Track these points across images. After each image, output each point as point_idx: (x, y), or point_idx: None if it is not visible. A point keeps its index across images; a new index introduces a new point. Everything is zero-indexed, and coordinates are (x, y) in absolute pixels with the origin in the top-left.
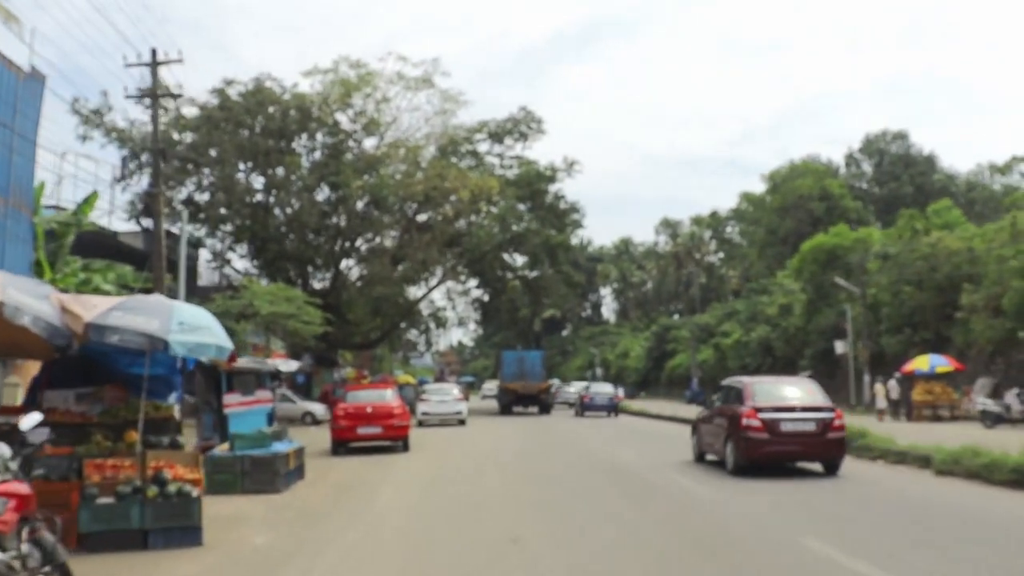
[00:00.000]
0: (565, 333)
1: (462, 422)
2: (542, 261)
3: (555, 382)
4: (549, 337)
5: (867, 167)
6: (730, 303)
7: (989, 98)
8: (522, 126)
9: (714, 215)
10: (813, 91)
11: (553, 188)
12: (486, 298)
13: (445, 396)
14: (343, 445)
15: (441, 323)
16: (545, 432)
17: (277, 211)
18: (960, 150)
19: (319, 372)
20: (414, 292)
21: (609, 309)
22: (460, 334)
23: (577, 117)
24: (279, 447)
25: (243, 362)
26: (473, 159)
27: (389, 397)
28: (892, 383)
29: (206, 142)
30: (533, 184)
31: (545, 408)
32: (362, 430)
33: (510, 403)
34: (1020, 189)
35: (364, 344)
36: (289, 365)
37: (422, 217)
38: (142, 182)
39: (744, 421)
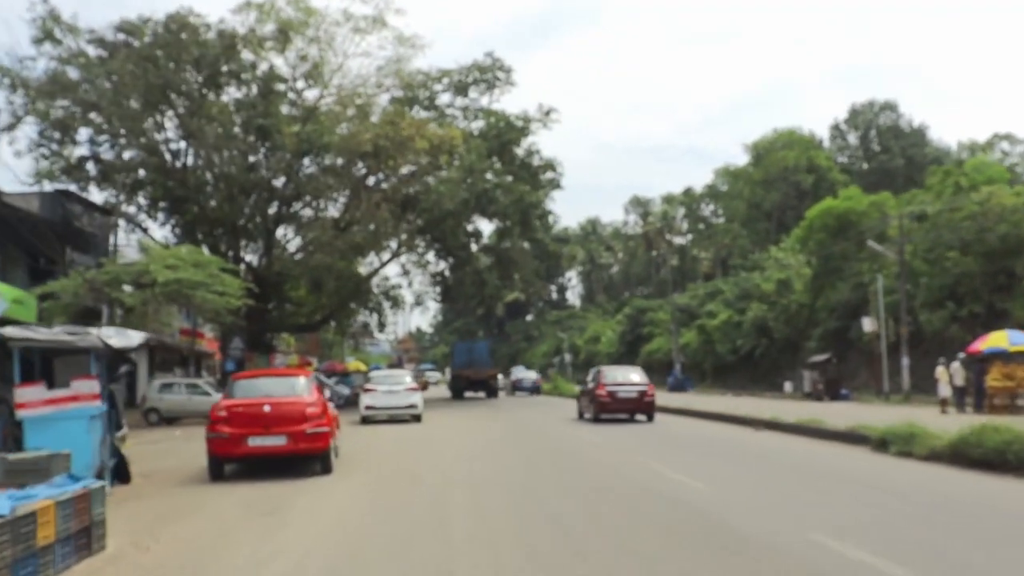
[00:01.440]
0: (529, 318)
1: (416, 418)
2: (513, 225)
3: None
4: (513, 322)
5: (853, 139)
6: (712, 282)
7: (944, 84)
8: (488, 75)
9: (688, 192)
10: (767, 79)
11: (526, 143)
12: (447, 271)
13: (395, 385)
14: (224, 464)
15: (396, 302)
16: (514, 425)
17: (196, 163)
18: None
19: (253, 359)
20: (367, 267)
21: (575, 293)
22: (419, 319)
23: (532, 105)
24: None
25: (33, 333)
26: (433, 112)
27: (300, 389)
28: (956, 366)
29: (110, 83)
30: (503, 136)
31: (492, 392)
32: (255, 441)
33: (461, 388)
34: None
35: (306, 326)
36: (127, 339)
37: (372, 180)
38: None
39: (598, 392)
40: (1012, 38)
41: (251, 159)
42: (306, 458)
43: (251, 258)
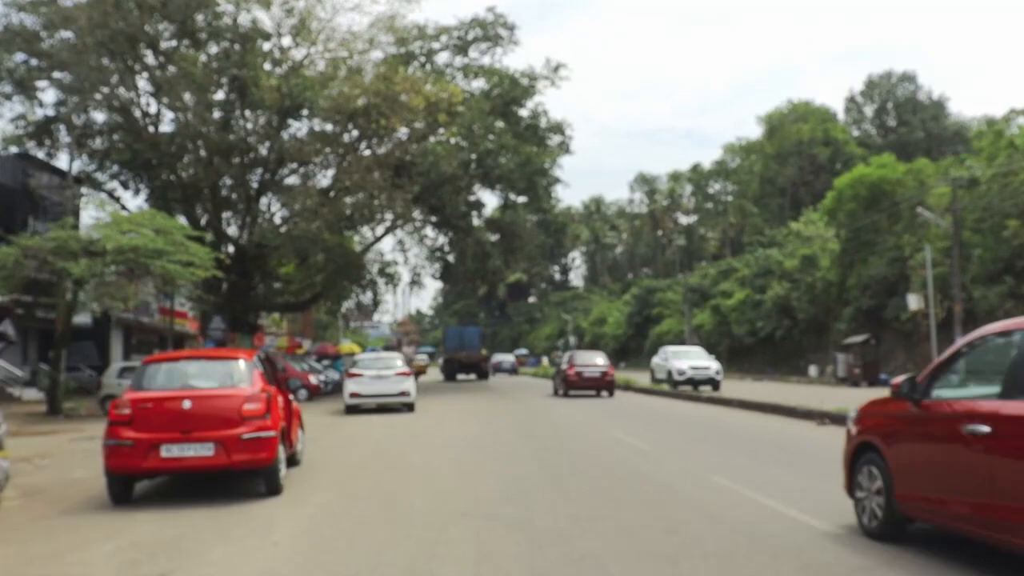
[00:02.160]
0: (532, 300)
1: (408, 407)
2: (519, 194)
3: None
4: (515, 303)
5: (869, 112)
6: (725, 260)
7: (948, 61)
8: (490, 31)
9: (696, 169)
10: (765, 63)
11: (532, 104)
12: (446, 246)
13: (384, 369)
14: (130, 482)
15: (391, 279)
16: (507, 407)
17: (168, 123)
18: None
19: (236, 339)
20: (361, 243)
21: (578, 274)
22: (419, 301)
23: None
24: None
25: None
26: (430, 71)
27: (237, 377)
28: None
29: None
30: (507, 95)
31: (483, 374)
32: (170, 451)
33: (454, 371)
34: None
35: (294, 305)
36: None
37: (364, 145)
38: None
39: (568, 372)
40: None
41: (228, 118)
42: (246, 473)
43: (234, 231)
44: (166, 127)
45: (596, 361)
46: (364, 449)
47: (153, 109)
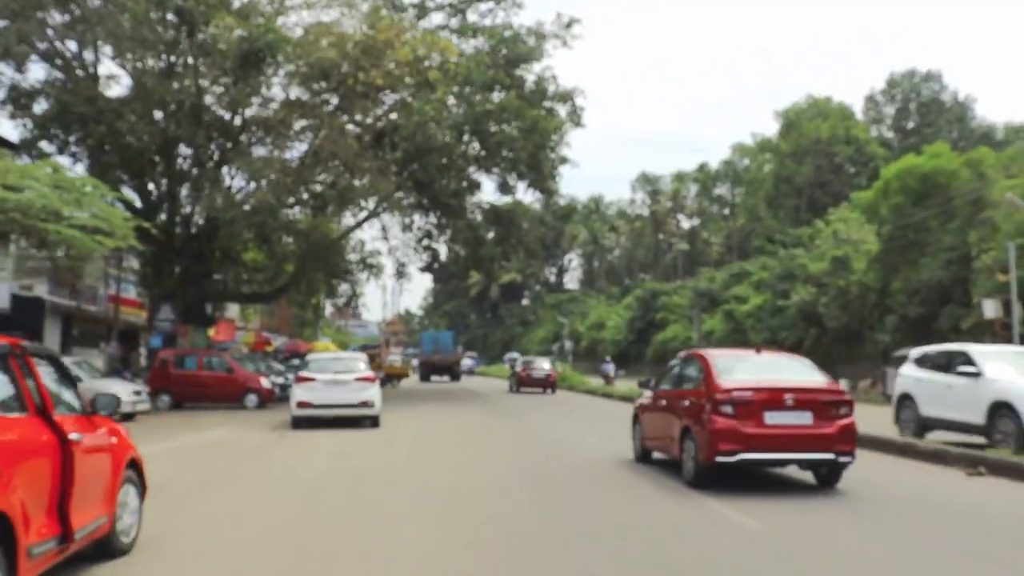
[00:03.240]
0: (526, 302)
1: (372, 420)
2: (519, 168)
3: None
4: (508, 305)
5: (889, 111)
6: (737, 263)
7: (975, 62)
8: None
9: (702, 168)
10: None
11: (538, 68)
12: (433, 230)
13: (341, 373)
14: None
15: (372, 270)
16: (484, 420)
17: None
18: None
19: (188, 333)
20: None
21: (573, 276)
22: (408, 300)
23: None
24: None
25: None
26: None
27: None
28: None
29: None
30: (510, 54)
31: (455, 376)
32: None
33: (428, 373)
34: None
35: (259, 296)
36: None
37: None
38: None
39: (521, 373)
40: None
41: (172, 64)
42: None
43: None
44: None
45: (544, 365)
46: (277, 511)
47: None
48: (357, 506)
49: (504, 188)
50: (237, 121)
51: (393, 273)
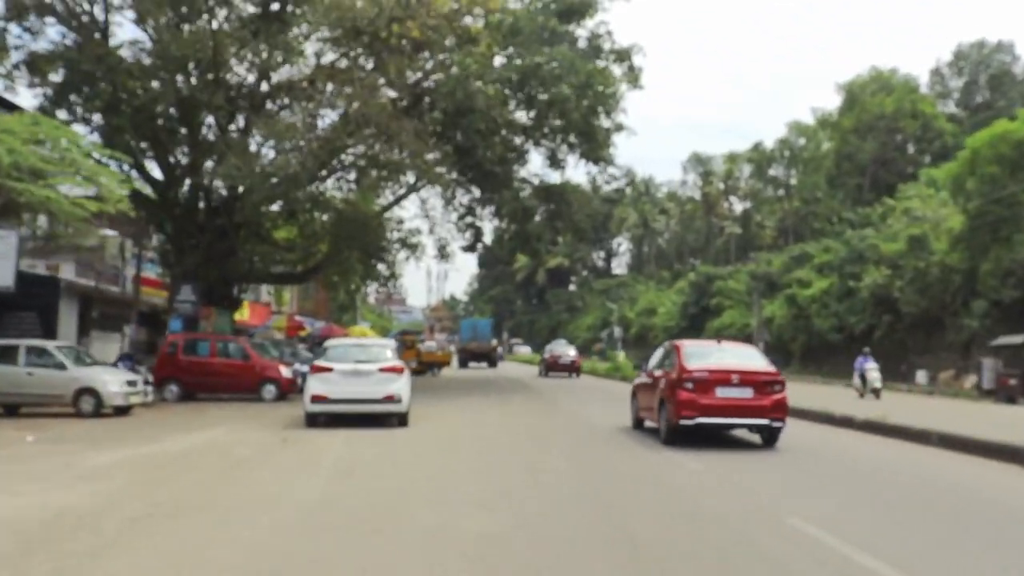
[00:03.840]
0: (572, 287)
1: (399, 419)
2: (570, 134)
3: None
4: (554, 291)
5: (956, 84)
6: (798, 245)
7: None
8: None
9: (757, 148)
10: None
11: (592, 23)
12: (477, 205)
13: (364, 363)
14: None
15: (413, 250)
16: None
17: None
18: None
19: (211, 316)
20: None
21: (621, 261)
22: (452, 286)
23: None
24: None
25: None
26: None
27: None
28: None
29: None
30: (560, 5)
31: (492, 363)
32: None
33: (466, 359)
34: None
35: (289, 276)
36: None
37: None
38: None
39: (547, 359)
40: None
41: (186, 12)
42: None
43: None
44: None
45: (569, 352)
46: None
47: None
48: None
49: (553, 161)
50: (264, 87)
51: (435, 254)
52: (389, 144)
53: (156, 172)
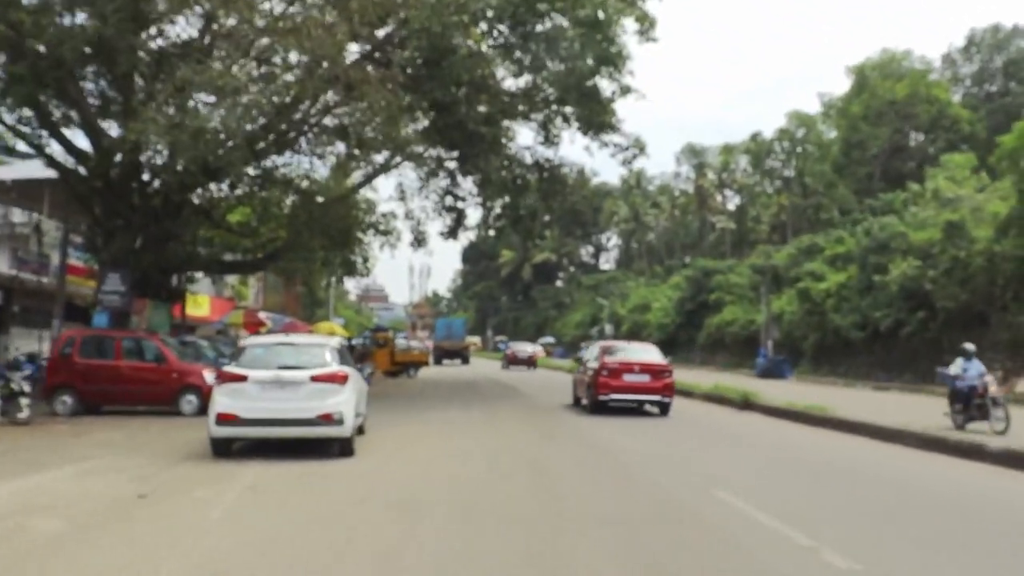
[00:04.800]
0: (559, 284)
1: (341, 447)
2: (569, 94)
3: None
4: (541, 287)
5: (967, 71)
6: (806, 236)
7: None
8: None
9: (755, 138)
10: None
11: None
12: (458, 172)
13: (290, 370)
14: None
15: (388, 235)
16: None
17: None
18: None
19: (145, 310)
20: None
21: (610, 257)
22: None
23: None
24: None
25: None
26: None
27: None
28: None
29: None
30: None
31: (465, 360)
32: None
33: (440, 356)
34: None
35: (240, 265)
36: None
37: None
38: None
39: (508, 354)
40: None
41: None
42: None
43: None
44: None
45: (527, 348)
46: None
47: None
48: None
49: (547, 137)
50: (206, 41)
51: (411, 241)
52: (354, 104)
53: (85, 143)
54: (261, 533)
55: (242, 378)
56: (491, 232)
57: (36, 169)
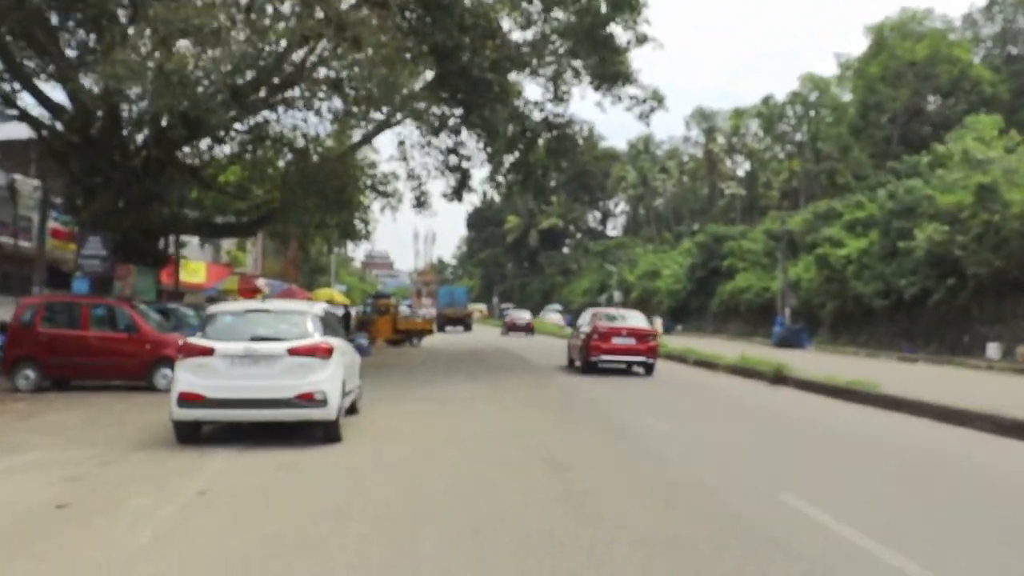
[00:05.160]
0: (566, 250)
1: (326, 430)
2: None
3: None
4: (547, 254)
5: (988, 31)
6: (823, 201)
7: None
8: None
9: (767, 102)
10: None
11: None
12: (461, 124)
13: (265, 342)
14: None
15: (389, 197)
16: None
17: None
18: None
19: (129, 275)
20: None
21: (617, 223)
22: (442, 249)
23: None
24: None
25: None
26: None
27: None
28: None
29: None
30: None
31: (468, 327)
32: None
33: (443, 323)
34: None
35: (229, 227)
36: None
37: None
38: None
39: (507, 322)
40: None
41: None
42: None
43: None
44: None
45: (524, 316)
46: None
47: None
48: None
49: (556, 86)
50: None
51: (413, 203)
52: (351, 55)
53: (62, 97)
54: (197, 567)
55: (208, 351)
56: (499, 190)
57: (23, 130)
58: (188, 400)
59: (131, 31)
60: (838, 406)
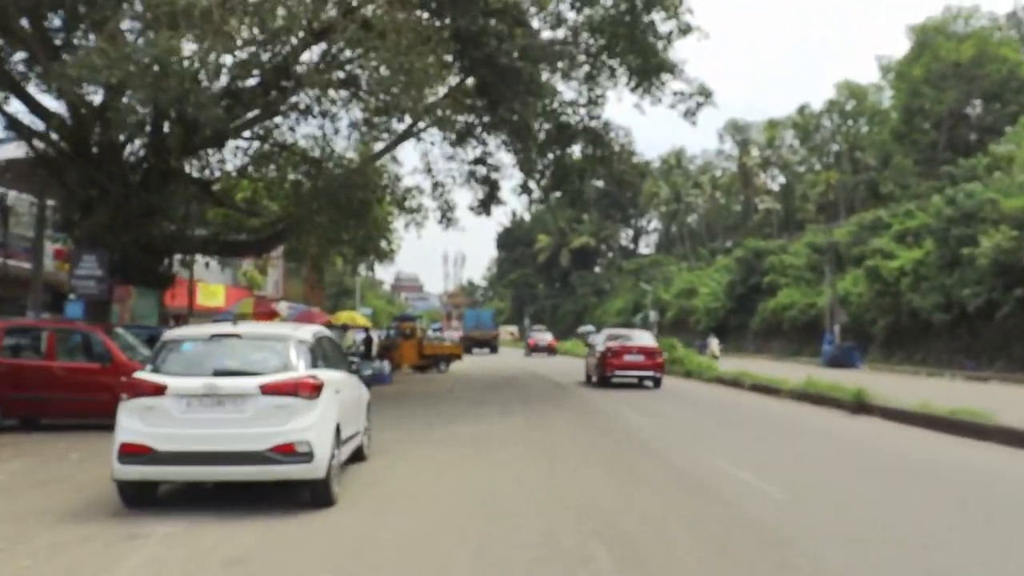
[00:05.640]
0: (598, 270)
1: (315, 492)
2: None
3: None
4: (579, 273)
5: None
6: (868, 212)
7: None
8: None
9: (803, 111)
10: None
11: None
12: (484, 114)
13: (230, 376)
14: None
15: (414, 213)
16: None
17: None
18: None
19: (129, 298)
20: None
21: (649, 241)
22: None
23: None
24: None
25: None
26: None
27: None
28: None
29: None
30: None
31: (494, 349)
32: None
33: (470, 346)
34: None
35: (239, 245)
36: None
37: None
38: None
39: (529, 343)
40: None
41: None
42: None
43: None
44: None
45: (546, 337)
46: None
47: None
48: None
49: (590, 89)
50: None
51: (439, 219)
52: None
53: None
54: None
55: (159, 389)
56: (531, 198)
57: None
58: (131, 453)
59: (107, 15)
60: (949, 443)
